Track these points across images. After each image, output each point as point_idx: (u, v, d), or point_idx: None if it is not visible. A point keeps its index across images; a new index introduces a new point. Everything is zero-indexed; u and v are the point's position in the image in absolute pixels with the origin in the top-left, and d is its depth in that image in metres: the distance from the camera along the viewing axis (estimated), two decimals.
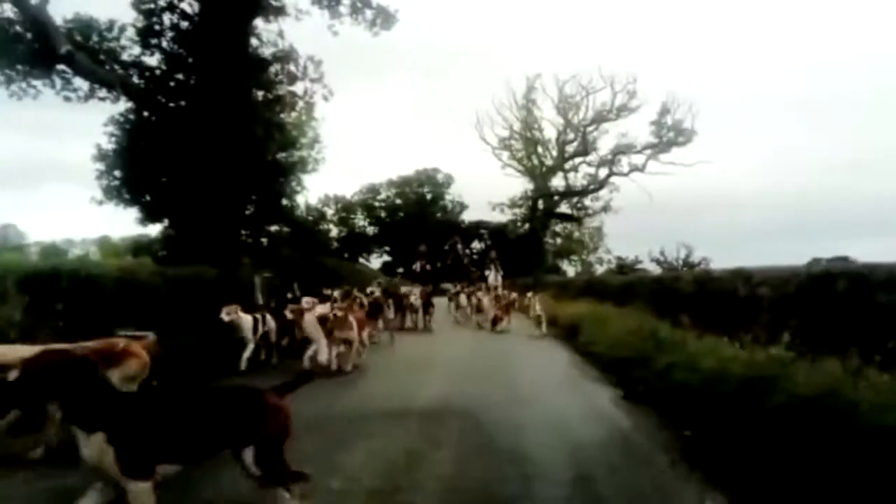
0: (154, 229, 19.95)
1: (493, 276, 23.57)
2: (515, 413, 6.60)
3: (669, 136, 37.06)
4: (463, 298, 18.98)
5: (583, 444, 5.50)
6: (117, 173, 16.85)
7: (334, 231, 47.61)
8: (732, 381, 5.80)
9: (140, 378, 5.18)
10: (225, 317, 8.84)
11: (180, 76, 16.15)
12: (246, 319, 9.10)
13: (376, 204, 50.23)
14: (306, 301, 9.65)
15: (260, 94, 16.92)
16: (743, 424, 5.07)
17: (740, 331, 8.09)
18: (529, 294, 18.66)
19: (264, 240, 24.27)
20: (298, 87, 18.12)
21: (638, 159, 38.47)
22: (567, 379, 8.86)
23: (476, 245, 45.88)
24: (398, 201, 49.95)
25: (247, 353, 9.00)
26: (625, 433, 5.95)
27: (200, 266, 12.01)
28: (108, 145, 16.95)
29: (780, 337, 6.87)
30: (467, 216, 49.89)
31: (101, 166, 16.94)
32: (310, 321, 9.08)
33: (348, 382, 8.27)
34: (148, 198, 16.91)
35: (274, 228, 22.66)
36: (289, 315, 9.62)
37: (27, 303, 7.25)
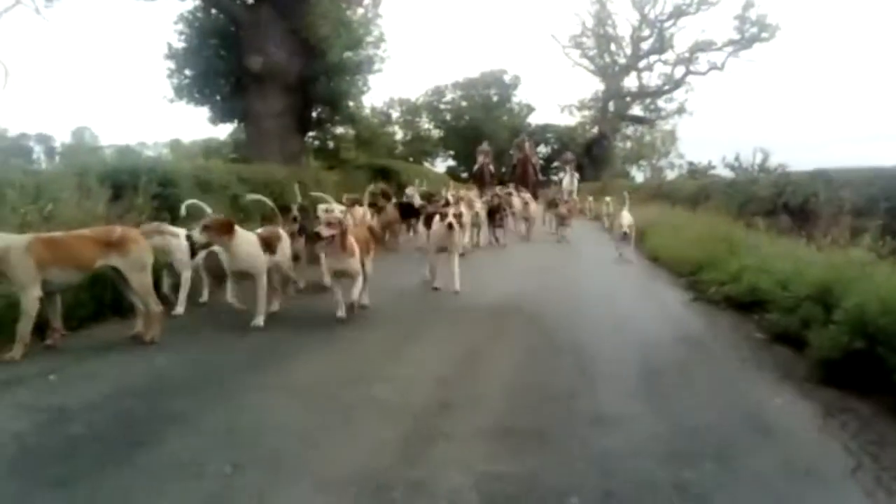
0: (223, 131, 20.32)
1: (569, 180, 21.57)
2: (583, 314, 6.62)
3: (752, 31, 34.77)
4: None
5: (651, 343, 5.49)
6: (188, 72, 17.02)
7: (399, 134, 47.33)
8: (807, 282, 5.61)
9: (147, 264, 5.18)
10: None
11: None
12: None
13: (441, 106, 49.48)
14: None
15: None
16: (817, 324, 4.95)
17: (819, 234, 7.83)
18: (607, 199, 16.90)
19: (331, 142, 24.41)
20: None
21: (717, 57, 36.44)
22: (636, 282, 8.75)
23: (542, 149, 44.93)
24: (463, 104, 49.03)
25: None
26: (694, 334, 5.89)
27: (269, 166, 12.20)
28: (179, 44, 17.08)
29: (861, 239, 6.62)
30: (534, 119, 48.70)
31: (171, 65, 17.12)
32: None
33: None
34: (218, 98, 17.12)
35: (340, 130, 22.67)
36: None
37: (109, 197, 7.58)
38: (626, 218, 10.36)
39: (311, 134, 18.97)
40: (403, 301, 7.15)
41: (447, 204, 8.74)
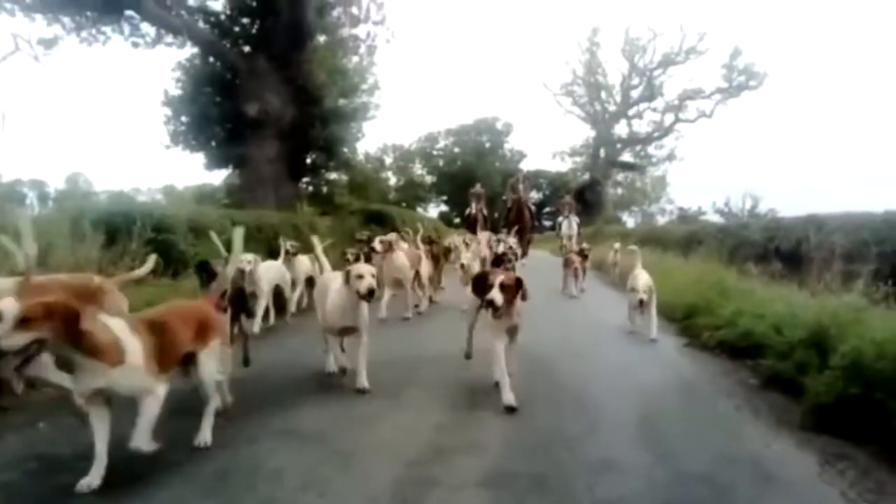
0: (218, 177, 20.51)
1: (567, 225, 20.08)
2: (577, 360, 6.56)
3: (740, 79, 35.55)
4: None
5: (646, 389, 5.45)
6: (184, 118, 17.22)
7: (392, 179, 47.74)
8: (802, 327, 5.62)
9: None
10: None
11: (245, 21, 16.27)
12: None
13: (434, 152, 50.06)
14: None
15: (322, 38, 16.92)
16: (812, 369, 4.94)
17: (811, 279, 7.87)
18: (616, 245, 15.63)
19: (324, 187, 24.57)
20: (361, 30, 18.09)
21: (706, 105, 37.14)
22: (629, 327, 8.68)
23: (534, 195, 45.27)
24: (456, 149, 49.69)
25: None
26: (689, 380, 5.86)
27: (263, 211, 12.24)
28: (175, 91, 17.31)
29: (854, 284, 6.66)
30: (526, 165, 49.26)
31: (168, 111, 17.34)
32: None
33: None
34: (213, 144, 17.29)
35: (334, 176, 22.87)
36: None
37: (103, 242, 7.58)
38: (643, 279, 7.85)
39: (305, 179, 19.13)
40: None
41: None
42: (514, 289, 4.68)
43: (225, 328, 4.23)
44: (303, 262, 9.08)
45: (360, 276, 4.81)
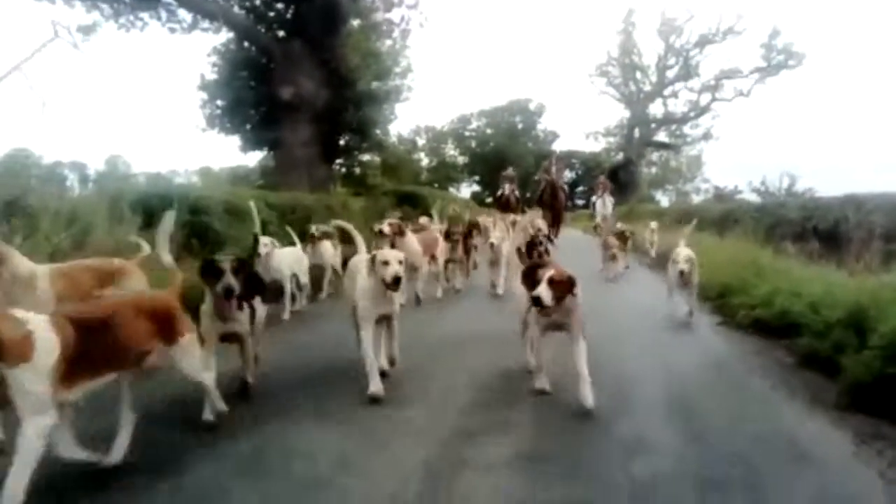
0: (252, 159, 20.78)
1: (601, 204, 20.05)
2: (611, 340, 6.50)
3: (779, 58, 34.70)
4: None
5: (681, 369, 5.44)
6: (219, 102, 17.45)
7: (425, 160, 47.74)
8: (840, 307, 5.54)
9: None
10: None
11: (280, 6, 16.37)
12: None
13: (467, 133, 49.92)
14: None
15: (356, 21, 16.95)
16: (850, 349, 4.89)
17: (849, 259, 7.74)
18: (653, 225, 14.54)
19: (357, 168, 24.71)
20: (394, 14, 18.10)
21: (743, 84, 36.37)
22: (664, 305, 8.58)
23: (567, 174, 44.94)
24: (489, 131, 49.48)
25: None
26: (723, 359, 5.83)
27: (297, 192, 12.39)
28: (211, 75, 17.54)
29: (893, 264, 6.54)
30: (559, 146, 48.87)
31: (204, 95, 17.58)
32: None
33: None
34: (248, 127, 17.50)
35: (367, 157, 22.97)
36: None
37: (140, 224, 7.76)
38: (685, 252, 7.50)
39: (338, 161, 19.27)
40: None
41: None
42: (566, 286, 4.18)
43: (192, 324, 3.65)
44: (327, 247, 8.82)
45: (386, 263, 4.35)
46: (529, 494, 3.03)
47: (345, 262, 8.53)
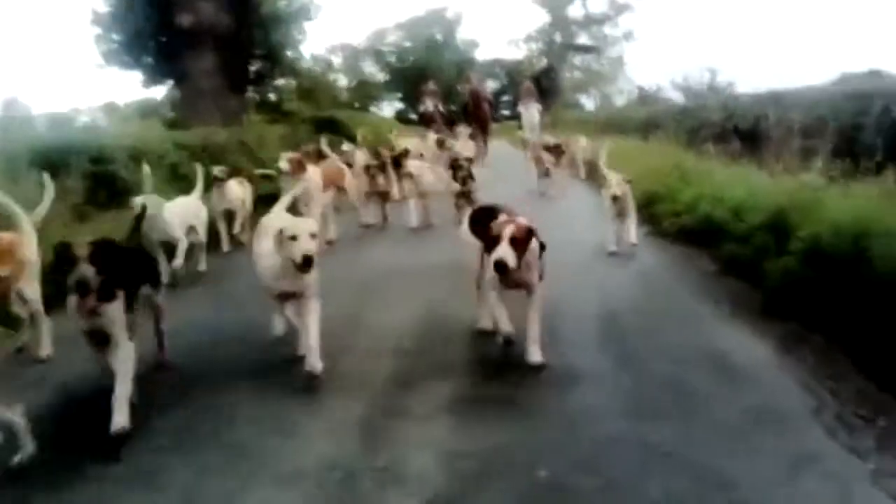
0: (160, 91, 19.53)
1: (529, 115, 18.58)
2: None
3: None
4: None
5: (606, 282, 5.45)
6: (115, 36, 16.20)
7: (343, 80, 46.19)
8: (760, 211, 5.58)
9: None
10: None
11: None
12: None
13: (384, 49, 48.39)
14: None
15: None
16: (771, 254, 4.95)
17: (770, 157, 7.84)
18: (583, 141, 12.82)
19: (272, 95, 23.63)
20: None
21: None
22: (589, 217, 8.39)
23: (492, 84, 44.45)
24: (407, 44, 48.03)
25: None
26: (649, 270, 5.88)
27: (208, 128, 11.74)
28: (104, 8, 16.20)
29: (812, 162, 6.64)
30: (480, 55, 47.99)
31: (98, 30, 16.27)
32: None
33: None
34: (149, 60, 16.38)
35: (281, 82, 21.96)
36: None
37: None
38: (615, 178, 6.68)
39: (251, 89, 18.31)
40: None
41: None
42: (528, 238, 3.57)
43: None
44: (232, 189, 7.71)
45: (294, 238, 3.47)
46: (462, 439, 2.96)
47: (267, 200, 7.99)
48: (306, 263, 3.43)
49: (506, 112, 41.31)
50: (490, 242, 3.52)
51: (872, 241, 3.98)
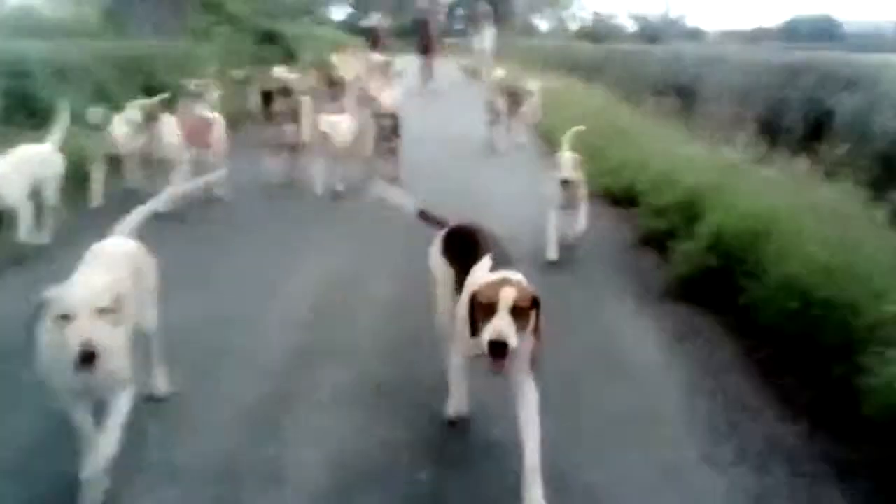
0: None
1: (480, 39, 17.72)
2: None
3: None
4: None
5: (528, 251, 5.18)
6: None
7: None
8: (677, 187, 5.65)
9: None
10: None
11: None
12: None
13: None
14: None
15: None
16: (681, 235, 5.09)
17: (703, 120, 7.93)
18: (531, 87, 10.73)
19: None
20: None
21: None
22: (522, 175, 8.20)
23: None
24: None
25: None
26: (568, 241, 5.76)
27: (136, 42, 11.05)
28: None
29: (741, 133, 6.72)
30: None
31: None
32: None
33: None
34: None
35: None
36: None
37: None
38: (568, 158, 5.28)
39: None
40: None
41: None
42: (531, 307, 2.40)
43: None
44: (167, 126, 6.39)
45: (67, 318, 2.14)
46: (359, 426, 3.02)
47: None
48: (85, 359, 2.09)
49: (459, 27, 40.07)
50: (479, 312, 2.38)
51: (768, 239, 4.14)
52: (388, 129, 7.31)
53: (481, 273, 2.59)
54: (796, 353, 3.57)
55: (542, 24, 44.49)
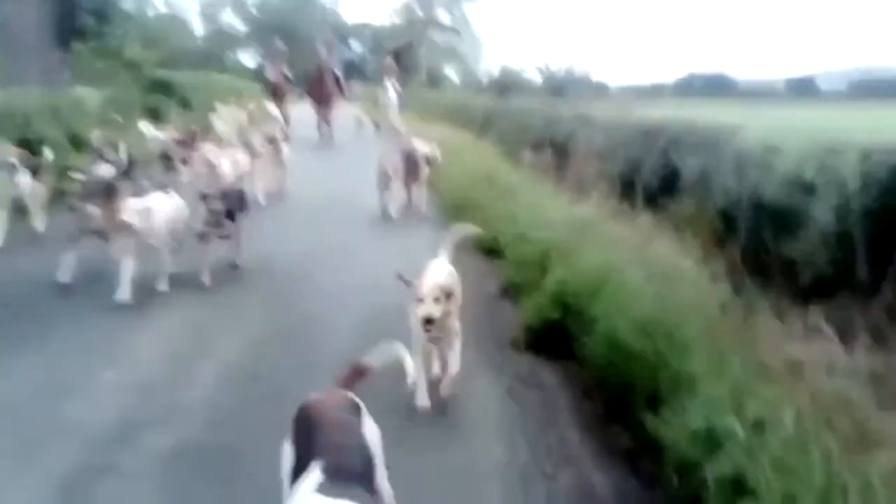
0: None
1: (384, 93, 16.96)
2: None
3: None
4: None
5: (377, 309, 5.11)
6: None
7: (201, 30, 43.74)
8: (535, 241, 5.97)
9: None
10: None
11: None
12: None
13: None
14: None
15: None
16: (532, 287, 5.35)
17: (571, 176, 8.36)
18: (435, 152, 9.90)
19: (111, 41, 21.85)
20: None
21: None
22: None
23: (358, 49, 43.91)
24: None
25: None
26: None
27: (17, 89, 10.78)
28: None
29: (602, 189, 7.13)
30: (352, 18, 47.21)
31: None
32: None
33: None
34: None
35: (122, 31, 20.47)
36: None
37: None
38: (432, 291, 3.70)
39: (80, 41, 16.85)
40: None
41: None
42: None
43: None
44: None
45: None
46: None
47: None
48: None
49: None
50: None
51: (600, 294, 4.44)
52: (218, 214, 5.87)
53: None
54: (620, 404, 3.77)
55: (453, 74, 45.84)
